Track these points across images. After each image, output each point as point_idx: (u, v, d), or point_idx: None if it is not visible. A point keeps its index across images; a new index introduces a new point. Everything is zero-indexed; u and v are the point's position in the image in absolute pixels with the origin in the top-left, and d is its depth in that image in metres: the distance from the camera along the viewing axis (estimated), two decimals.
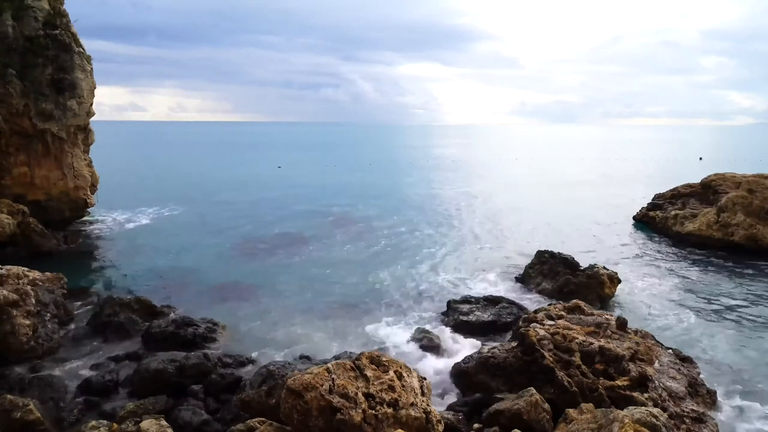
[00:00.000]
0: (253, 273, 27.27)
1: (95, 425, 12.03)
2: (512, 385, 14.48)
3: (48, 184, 33.53)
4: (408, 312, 22.23)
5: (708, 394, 14.77)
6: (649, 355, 15.27)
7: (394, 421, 11.06)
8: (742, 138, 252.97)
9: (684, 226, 34.25)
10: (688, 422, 12.93)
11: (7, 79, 30.52)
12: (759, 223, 31.10)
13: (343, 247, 32.73)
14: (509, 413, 12.77)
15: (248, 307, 22.42)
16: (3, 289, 17.31)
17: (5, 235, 28.33)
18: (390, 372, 12.06)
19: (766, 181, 33.02)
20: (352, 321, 21.14)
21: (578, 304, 18.46)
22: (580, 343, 14.90)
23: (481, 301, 21.56)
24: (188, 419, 13.32)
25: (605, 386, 13.62)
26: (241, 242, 34.05)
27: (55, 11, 33.18)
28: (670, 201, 38.86)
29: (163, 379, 15.22)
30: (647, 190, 48.93)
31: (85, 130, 36.07)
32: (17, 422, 12.47)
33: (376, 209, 45.94)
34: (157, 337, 18.42)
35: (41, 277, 20.03)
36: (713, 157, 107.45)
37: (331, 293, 24.18)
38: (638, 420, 10.58)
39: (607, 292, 23.04)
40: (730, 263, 28.84)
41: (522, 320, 17.90)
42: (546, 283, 24.19)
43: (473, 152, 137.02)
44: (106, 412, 14.07)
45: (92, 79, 34.85)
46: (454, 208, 47.20)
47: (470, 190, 59.60)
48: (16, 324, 16.84)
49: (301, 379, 11.29)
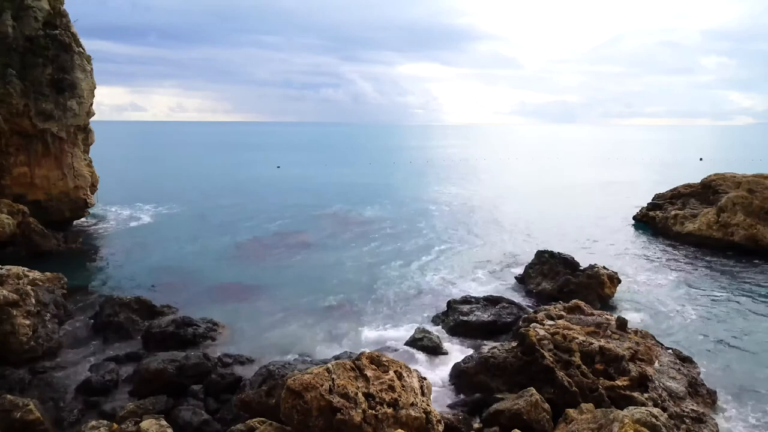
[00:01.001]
0: (253, 273, 27.27)
1: (95, 425, 12.02)
2: (512, 385, 14.48)
3: (48, 184, 33.54)
4: (408, 312, 22.24)
5: (708, 394, 14.77)
6: (649, 355, 15.28)
7: (394, 421, 11.06)
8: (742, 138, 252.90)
9: (684, 226, 34.25)
10: (688, 422, 12.93)
11: (7, 79, 30.52)
12: (759, 223, 31.11)
13: (343, 247, 32.73)
14: (509, 413, 12.77)
15: (248, 307, 22.43)
16: (3, 289, 17.31)
17: (5, 235, 28.33)
18: (390, 372, 12.07)
19: (766, 181, 33.03)
20: (352, 321, 21.14)
21: (578, 304, 18.47)
22: (580, 343, 14.90)
23: (481, 301, 21.55)
24: (188, 419, 13.32)
25: (605, 386, 13.63)
26: (241, 242, 34.06)
27: (55, 11, 33.17)
28: (670, 201, 38.86)
29: (163, 379, 15.21)
30: (647, 190, 48.93)
31: (85, 130, 36.09)
32: (17, 422, 12.47)
33: (376, 209, 45.97)
34: (157, 337, 18.42)
35: (41, 277, 20.02)
36: (713, 157, 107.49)
37: (331, 293, 24.17)
38: (638, 420, 10.58)
39: (607, 292, 23.02)
40: (730, 263, 28.83)
41: (522, 320, 17.92)
42: (546, 283, 24.18)
43: (473, 152, 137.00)
44: (106, 412, 14.07)
45: (92, 79, 34.86)
46: (454, 208, 47.23)
47: (470, 190, 59.63)
48: (16, 324, 16.83)
49: (301, 379, 11.29)
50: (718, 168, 49.38)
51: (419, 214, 43.90)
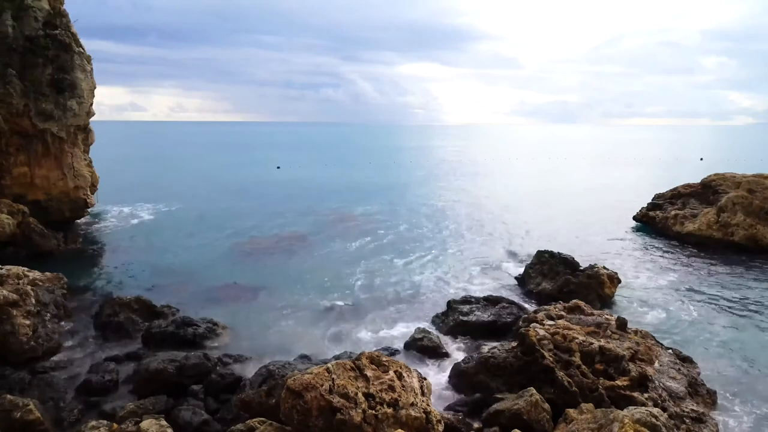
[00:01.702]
0: (253, 273, 27.26)
1: (95, 425, 12.02)
2: (512, 385, 14.48)
3: (48, 184, 33.54)
4: (408, 312, 22.24)
5: (708, 394, 14.77)
6: (649, 355, 15.27)
7: (394, 421, 11.06)
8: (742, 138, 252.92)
9: (684, 226, 34.25)
10: (688, 422, 12.93)
11: (7, 79, 30.51)
12: (759, 223, 31.11)
13: (343, 247, 32.73)
14: (509, 413, 12.78)
15: (248, 307, 22.43)
16: (3, 289, 17.31)
17: (5, 235, 28.33)
18: (390, 372, 12.07)
19: (766, 181, 33.03)
20: (352, 320, 21.15)
21: (578, 304, 18.47)
22: (580, 343, 14.90)
23: (481, 301, 21.54)
24: (188, 419, 13.31)
25: (605, 386, 13.63)
26: (241, 242, 34.06)
27: (55, 11, 33.16)
28: (670, 201, 38.85)
29: (163, 379, 15.20)
30: (647, 190, 48.92)
31: (85, 130, 36.08)
32: (17, 422, 12.46)
33: (376, 209, 45.96)
34: (157, 337, 18.42)
35: (41, 277, 20.02)
36: (713, 157, 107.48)
37: (331, 293, 24.17)
38: (638, 420, 10.58)
39: (607, 292, 23.03)
40: (730, 263, 28.82)
41: (522, 320, 17.93)
42: (546, 283, 24.18)
43: (473, 152, 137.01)
44: (106, 412, 14.06)
45: (92, 79, 34.85)
46: (454, 208, 47.22)
47: (470, 190, 59.62)
48: (16, 324, 16.82)
49: (301, 379, 11.29)
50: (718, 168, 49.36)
51: (419, 214, 43.90)
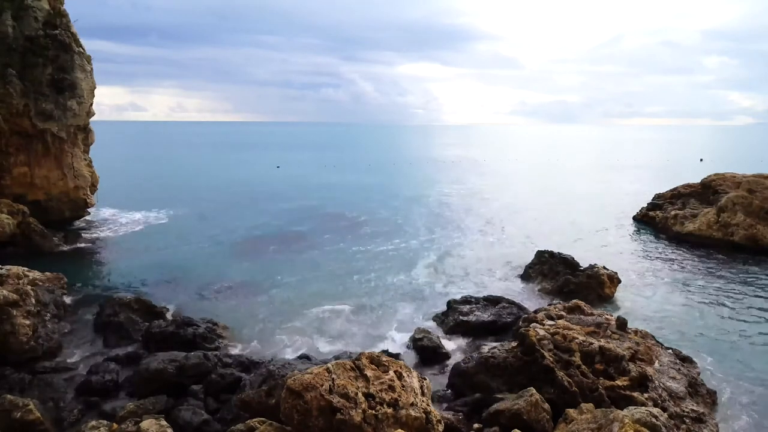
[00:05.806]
0: (252, 273, 27.26)
1: (95, 425, 12.02)
2: (512, 385, 14.47)
3: (48, 184, 33.54)
4: (408, 312, 22.25)
5: (708, 394, 14.77)
6: (649, 355, 15.27)
7: (394, 421, 11.06)
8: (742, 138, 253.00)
9: (684, 226, 34.25)
10: (688, 422, 12.92)
11: (7, 79, 30.51)
12: (759, 223, 31.11)
13: (342, 247, 32.73)
14: (509, 413, 12.76)
15: (248, 307, 22.43)
16: (3, 289, 17.31)
17: (5, 235, 28.34)
18: (390, 372, 12.06)
19: (766, 181, 33.03)
20: (352, 321, 21.17)
21: (578, 304, 18.46)
22: (580, 343, 14.90)
23: (481, 301, 21.55)
24: (188, 419, 13.31)
25: (605, 386, 13.62)
26: (241, 242, 34.06)
27: (55, 11, 33.16)
28: (670, 201, 38.87)
29: (163, 379, 15.20)
30: (647, 190, 48.93)
31: (85, 130, 36.06)
32: (17, 422, 12.47)
33: (376, 209, 45.95)
34: (157, 337, 18.41)
35: (41, 277, 20.03)
36: (713, 157, 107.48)
37: (330, 293, 24.16)
38: (638, 420, 10.57)
39: (607, 292, 23.03)
40: (730, 263, 28.82)
41: (522, 320, 17.91)
42: (546, 283, 24.19)
43: (473, 152, 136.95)
44: (106, 412, 14.08)
45: (92, 79, 34.85)
46: (454, 209, 47.22)
47: (470, 191, 59.61)
48: (16, 324, 16.83)
49: (301, 379, 11.28)
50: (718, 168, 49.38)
51: (419, 214, 43.90)
